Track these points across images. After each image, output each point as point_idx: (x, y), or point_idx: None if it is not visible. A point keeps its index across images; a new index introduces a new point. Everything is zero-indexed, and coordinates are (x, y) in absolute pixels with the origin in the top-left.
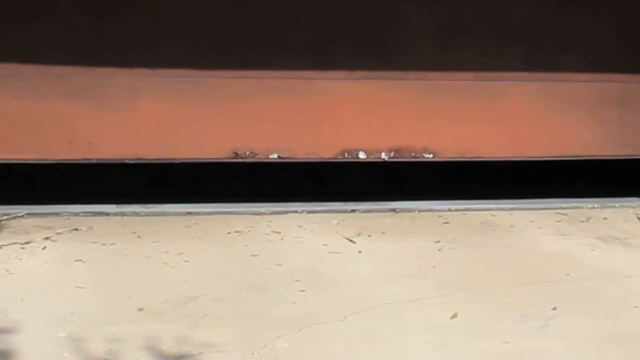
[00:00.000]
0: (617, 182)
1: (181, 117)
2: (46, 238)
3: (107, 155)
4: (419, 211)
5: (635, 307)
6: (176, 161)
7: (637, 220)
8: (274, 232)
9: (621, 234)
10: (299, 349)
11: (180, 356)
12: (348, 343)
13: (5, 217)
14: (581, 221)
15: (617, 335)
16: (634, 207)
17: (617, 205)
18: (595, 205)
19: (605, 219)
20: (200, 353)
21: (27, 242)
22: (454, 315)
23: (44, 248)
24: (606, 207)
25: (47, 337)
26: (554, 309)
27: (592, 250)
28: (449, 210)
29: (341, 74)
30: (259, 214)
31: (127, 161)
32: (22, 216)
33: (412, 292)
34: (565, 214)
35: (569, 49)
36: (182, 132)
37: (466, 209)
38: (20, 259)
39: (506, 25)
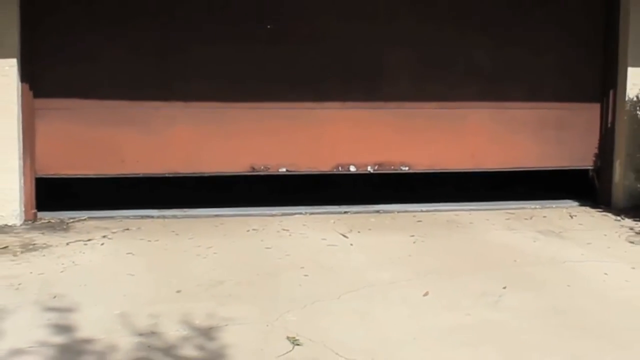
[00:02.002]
0: (554, 187)
1: (209, 139)
2: (104, 236)
3: (151, 170)
4: (398, 212)
5: (569, 285)
6: (205, 174)
7: (569, 217)
8: (284, 229)
9: (557, 229)
10: (304, 321)
11: (210, 328)
12: (343, 316)
13: (71, 220)
14: (525, 219)
15: (554, 308)
16: (567, 208)
17: (554, 206)
18: (537, 206)
19: (544, 217)
20: (226, 325)
21: (89, 240)
22: (426, 294)
23: (102, 244)
24: (545, 207)
25: (104, 314)
26: (505, 287)
27: (534, 241)
28: (421, 211)
29: (336, 104)
30: (271, 215)
31: (166, 175)
32: (84, 219)
33: (392, 276)
34: (513, 213)
35: (517, 83)
36: (209, 151)
37: (435, 210)
38: (83, 253)
39: (466, 65)
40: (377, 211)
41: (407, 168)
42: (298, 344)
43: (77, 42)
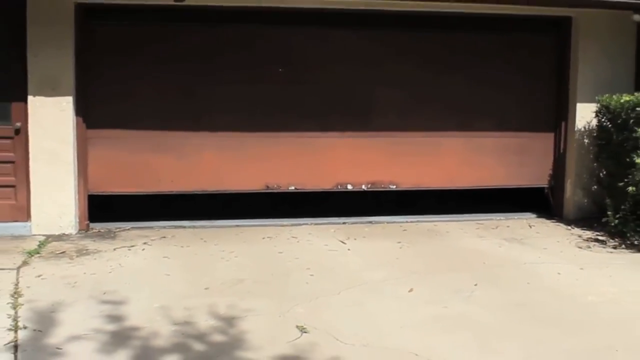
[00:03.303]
0: (517, 202)
1: (231, 162)
2: (144, 243)
3: (183, 188)
4: (387, 223)
5: (529, 283)
6: (228, 191)
7: (529, 227)
8: (293, 237)
9: (518, 236)
10: (310, 313)
11: (232, 317)
12: (342, 309)
13: (117, 229)
14: (492, 228)
15: (517, 301)
16: (527, 219)
17: (516, 217)
18: (502, 218)
19: (508, 226)
20: (245, 316)
21: (132, 246)
22: (411, 290)
23: (143, 249)
24: (509, 219)
25: (146, 307)
26: (476, 285)
27: (499, 247)
28: (407, 222)
29: (336, 134)
30: (282, 225)
31: (196, 192)
32: (128, 229)
33: (382, 275)
34: (482, 224)
35: (485, 116)
36: (231, 172)
37: (418, 221)
38: (127, 257)
39: (443, 101)
40: (370, 222)
41: (394, 186)
42: (305, 332)
43: (122, 83)
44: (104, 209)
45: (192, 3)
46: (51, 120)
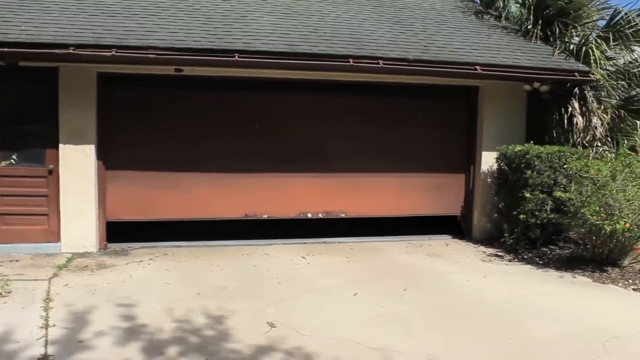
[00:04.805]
0: (437, 226)
1: (219, 196)
2: (150, 259)
3: (182, 216)
4: (338, 243)
5: (445, 288)
6: (217, 219)
7: (445, 245)
8: (265, 254)
9: (438, 252)
10: (278, 312)
11: (219, 316)
12: (303, 309)
13: (129, 248)
14: (419, 246)
15: (437, 302)
16: (444, 240)
17: (437, 238)
18: (425, 239)
19: (430, 245)
20: (228, 315)
21: (141, 261)
22: (355, 294)
23: (149, 264)
24: (431, 239)
25: (151, 308)
26: (405, 290)
27: (423, 260)
28: (354, 242)
29: (300, 174)
30: (258, 245)
31: (192, 219)
32: (138, 248)
33: (334, 283)
34: (411, 243)
35: (413, 160)
36: (220, 204)
37: (362, 241)
38: (137, 269)
39: (381, 149)
40: (325, 242)
41: (344, 214)
42: (274, 327)
43: (134, 134)
44: (120, 232)
45: (188, 73)
46: (77, 163)
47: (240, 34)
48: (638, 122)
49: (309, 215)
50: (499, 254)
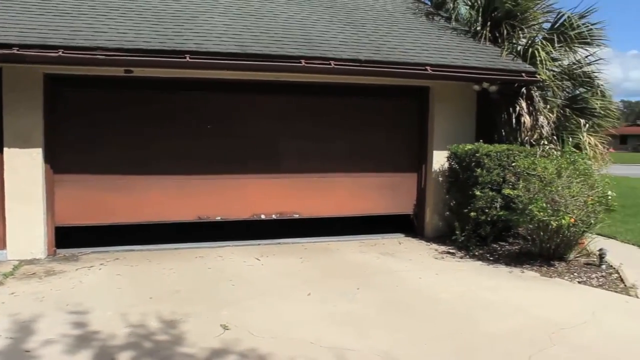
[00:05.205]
0: (391, 225)
1: (173, 199)
2: (101, 264)
3: (134, 220)
4: (292, 243)
5: (397, 286)
6: (169, 222)
7: (399, 244)
8: (219, 256)
9: (391, 251)
10: (232, 314)
11: (172, 320)
12: (257, 310)
13: (79, 254)
14: (372, 245)
15: (389, 300)
16: (397, 238)
17: (390, 237)
18: (379, 238)
19: (383, 244)
20: (182, 319)
21: (91, 266)
22: (309, 294)
23: (100, 269)
24: (384, 238)
25: (102, 314)
26: (358, 288)
27: (377, 259)
28: (308, 242)
29: (253, 175)
30: (211, 247)
31: (144, 222)
32: (88, 253)
33: (288, 283)
34: (364, 242)
35: (367, 160)
36: (172, 207)
37: (315, 242)
38: (87, 275)
39: (336, 149)
40: (279, 243)
41: (297, 215)
42: (227, 329)
43: (83, 136)
44: (69, 237)
45: (139, 74)
46: (24, 167)
47: (191, 34)
48: (582, 121)
49: (263, 217)
50: (450, 251)
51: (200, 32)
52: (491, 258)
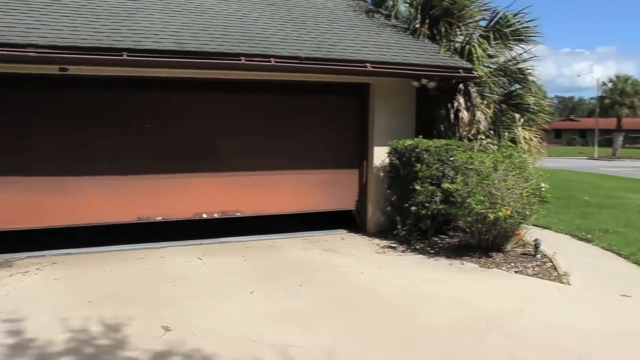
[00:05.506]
0: (334, 221)
1: (108, 200)
2: (37, 269)
3: (71, 222)
4: (235, 242)
5: (340, 281)
6: (108, 223)
7: (341, 240)
8: (161, 257)
9: (334, 247)
10: (174, 315)
11: (113, 324)
12: (199, 309)
13: (14, 259)
14: (315, 242)
15: (332, 295)
16: (340, 234)
17: (333, 233)
18: (321, 234)
19: (326, 240)
20: (123, 322)
21: (26, 272)
22: (252, 292)
23: (36, 274)
24: (327, 234)
25: (39, 320)
26: (301, 285)
27: (320, 255)
28: (251, 240)
29: (195, 174)
30: (153, 248)
31: (81, 224)
32: (24, 258)
33: (231, 282)
34: (307, 239)
35: (310, 158)
36: (111, 208)
37: (259, 240)
38: (22, 281)
39: (279, 147)
40: (222, 242)
41: (240, 213)
42: (169, 330)
43: (17, 136)
44: (3, 241)
45: (74, 72)
46: None
47: (129, 32)
48: (517, 116)
49: (205, 216)
50: (392, 245)
51: (138, 29)
52: (432, 251)
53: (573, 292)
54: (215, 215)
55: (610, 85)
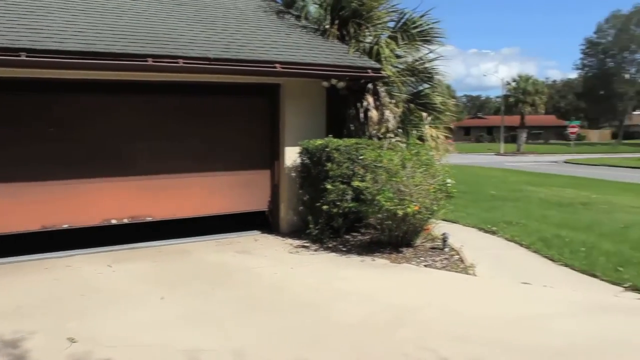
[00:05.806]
0: (248, 222)
1: (11, 207)
2: None
3: None
4: (147, 247)
5: (253, 283)
6: (9, 233)
7: (255, 241)
8: (67, 266)
9: (247, 249)
10: (80, 326)
11: (13, 339)
12: (106, 319)
13: None
14: (228, 244)
15: (247, 296)
16: (254, 235)
17: (246, 235)
18: (235, 236)
19: (239, 242)
20: (25, 336)
21: None
22: (163, 298)
23: None
24: (240, 236)
25: None
26: (213, 288)
27: (233, 258)
28: (163, 245)
29: (100, 179)
30: (59, 257)
31: None
32: None
33: (141, 289)
34: (220, 242)
35: (221, 160)
36: (11, 216)
37: (170, 244)
38: None
39: (190, 150)
40: (133, 247)
41: (150, 218)
42: (74, 342)
43: None
44: None
45: None
46: None
47: (27, 31)
48: (424, 114)
49: (114, 222)
50: (305, 244)
51: (38, 28)
52: (344, 249)
53: (479, 283)
54: (125, 221)
55: (513, 84)
